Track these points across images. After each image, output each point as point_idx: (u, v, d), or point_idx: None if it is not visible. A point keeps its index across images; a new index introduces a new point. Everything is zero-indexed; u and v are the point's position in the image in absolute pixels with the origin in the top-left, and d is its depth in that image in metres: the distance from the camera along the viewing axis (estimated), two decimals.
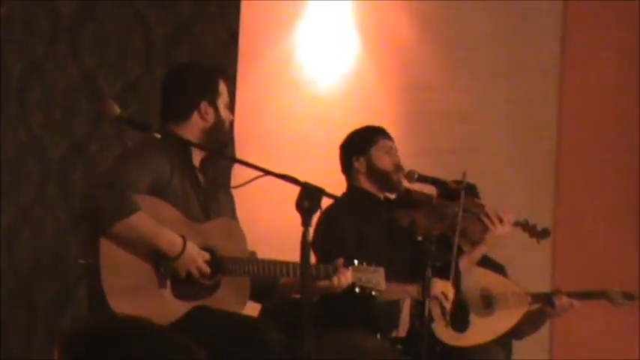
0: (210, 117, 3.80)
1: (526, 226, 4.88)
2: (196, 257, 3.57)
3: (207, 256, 3.61)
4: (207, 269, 3.61)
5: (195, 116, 3.79)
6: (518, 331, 4.96)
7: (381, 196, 4.60)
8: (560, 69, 6.19)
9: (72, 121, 5.14)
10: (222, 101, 3.84)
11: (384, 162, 4.56)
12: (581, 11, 6.18)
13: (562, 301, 4.89)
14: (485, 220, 4.57)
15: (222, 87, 3.85)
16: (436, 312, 4.36)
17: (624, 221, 6.14)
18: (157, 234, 3.52)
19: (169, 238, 3.54)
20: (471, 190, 5.00)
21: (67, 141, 5.10)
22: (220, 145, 3.86)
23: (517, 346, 5.07)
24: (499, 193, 5.66)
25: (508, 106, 6.16)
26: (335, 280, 3.83)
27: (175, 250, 3.54)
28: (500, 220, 4.58)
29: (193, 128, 3.79)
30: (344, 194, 4.56)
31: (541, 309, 4.95)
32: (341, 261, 3.90)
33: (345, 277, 3.85)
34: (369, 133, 4.63)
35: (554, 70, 6.18)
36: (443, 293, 4.28)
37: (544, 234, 4.93)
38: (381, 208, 4.59)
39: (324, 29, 6.07)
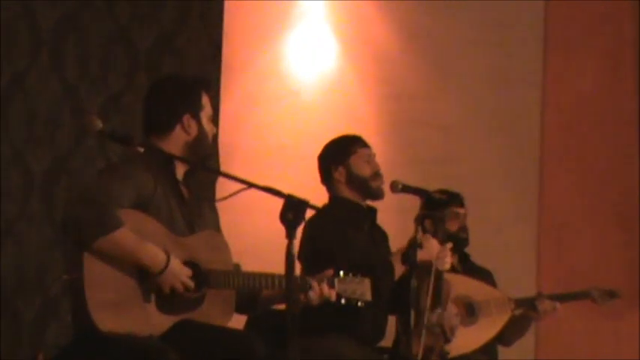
0: (193, 130, 3.79)
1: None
2: (180, 273, 3.56)
3: (189, 272, 3.60)
4: (191, 284, 3.60)
5: (178, 129, 3.78)
6: (504, 338, 4.98)
7: (363, 204, 4.61)
8: (543, 77, 6.22)
9: (55, 134, 5.13)
10: (205, 114, 3.83)
11: (363, 170, 4.57)
12: (563, 20, 6.21)
13: (545, 304, 4.91)
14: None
15: (205, 100, 3.85)
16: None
17: (607, 227, 6.18)
18: (139, 250, 3.51)
19: (152, 254, 3.52)
20: (456, 200, 5.02)
21: (50, 155, 5.09)
22: (203, 158, 3.86)
23: (502, 352, 5.08)
24: (483, 201, 5.69)
25: (491, 114, 6.18)
26: (315, 292, 3.82)
27: (159, 265, 3.53)
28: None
29: (176, 141, 3.78)
30: (327, 204, 4.57)
31: (525, 314, 4.96)
32: (329, 272, 3.90)
33: (327, 290, 3.85)
34: (346, 142, 4.64)
35: (536, 78, 6.21)
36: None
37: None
38: (363, 217, 4.60)
39: (307, 41, 6.08)
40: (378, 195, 4.56)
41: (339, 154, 4.60)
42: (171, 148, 3.75)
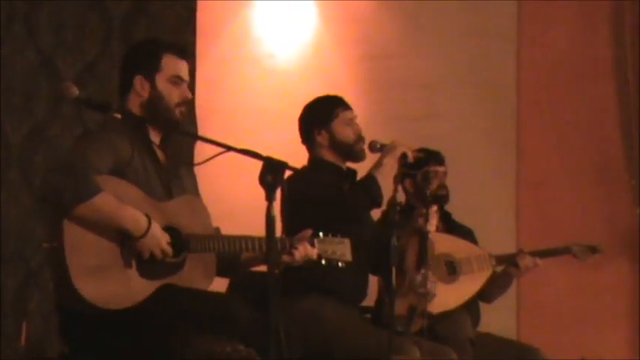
0: (146, 91, 3.78)
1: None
2: (160, 238, 3.57)
3: (167, 238, 3.61)
4: (170, 251, 3.61)
5: (133, 90, 3.79)
6: (485, 295, 5.01)
7: (344, 166, 4.62)
8: (517, 31, 6.22)
9: (31, 104, 5.12)
10: (164, 76, 3.78)
11: (346, 134, 4.56)
12: None
13: (526, 261, 4.95)
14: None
15: (168, 61, 3.80)
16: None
17: (586, 181, 6.21)
18: (120, 214, 3.51)
19: (134, 217, 3.53)
20: (436, 158, 5.03)
21: (27, 124, 5.08)
22: (168, 121, 3.83)
23: (484, 310, 5.12)
24: (462, 158, 5.70)
25: (467, 71, 6.18)
26: (299, 252, 3.85)
27: (140, 229, 3.53)
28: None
29: (134, 103, 3.78)
30: (306, 166, 4.58)
31: (506, 270, 5.00)
32: (308, 232, 3.92)
33: (310, 249, 3.88)
34: (328, 105, 4.61)
35: (510, 33, 6.21)
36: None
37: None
38: (343, 179, 4.60)
39: (281, 2, 6.05)
40: (360, 158, 4.57)
41: (320, 117, 4.57)
42: (132, 109, 3.76)
